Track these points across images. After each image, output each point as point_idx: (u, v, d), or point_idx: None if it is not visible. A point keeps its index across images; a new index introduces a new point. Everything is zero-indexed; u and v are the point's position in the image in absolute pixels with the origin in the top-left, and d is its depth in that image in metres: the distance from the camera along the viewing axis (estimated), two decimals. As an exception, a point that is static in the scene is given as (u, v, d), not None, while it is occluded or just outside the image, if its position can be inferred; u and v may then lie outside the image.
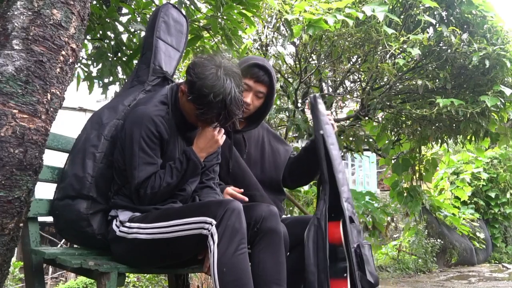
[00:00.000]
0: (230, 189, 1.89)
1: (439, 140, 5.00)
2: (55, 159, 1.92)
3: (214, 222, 1.47)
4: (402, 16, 4.09)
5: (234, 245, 1.46)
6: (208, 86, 1.55)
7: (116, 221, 1.66)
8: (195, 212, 1.54)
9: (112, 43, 2.65)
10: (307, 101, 5.04)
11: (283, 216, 2.10)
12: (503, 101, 3.94)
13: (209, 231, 1.47)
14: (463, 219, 7.79)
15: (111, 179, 1.73)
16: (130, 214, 1.67)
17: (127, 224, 1.62)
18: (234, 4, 2.45)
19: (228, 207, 1.50)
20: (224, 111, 1.58)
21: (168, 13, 2.05)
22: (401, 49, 3.89)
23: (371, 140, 5.30)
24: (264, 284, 1.57)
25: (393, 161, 5.53)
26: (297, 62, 4.67)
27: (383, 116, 5.20)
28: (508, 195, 8.48)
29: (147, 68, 1.93)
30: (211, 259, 1.46)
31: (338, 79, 5.04)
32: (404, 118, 4.90)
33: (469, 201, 8.61)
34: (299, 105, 4.81)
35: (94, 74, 2.82)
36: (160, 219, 1.58)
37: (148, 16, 2.57)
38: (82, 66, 2.80)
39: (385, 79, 4.51)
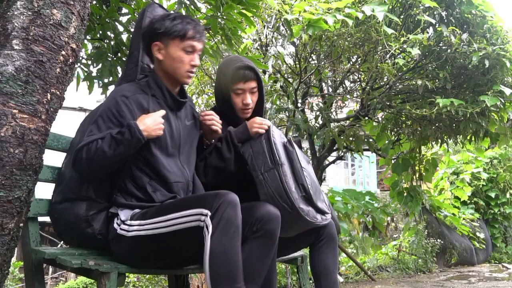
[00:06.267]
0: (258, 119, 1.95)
1: (439, 140, 5.00)
2: (55, 159, 1.92)
3: (209, 213, 1.48)
4: (401, 16, 4.09)
5: (228, 237, 1.46)
6: (165, 14, 1.80)
7: (117, 219, 1.66)
8: (192, 204, 1.54)
9: (112, 43, 2.65)
10: (306, 101, 5.06)
11: None
12: (503, 101, 3.95)
13: (204, 222, 1.48)
14: (463, 219, 7.78)
15: (108, 178, 1.73)
16: (130, 212, 1.67)
17: (128, 222, 1.62)
18: (234, 4, 2.45)
19: (224, 199, 1.50)
20: (191, 21, 1.74)
21: (154, 12, 2.07)
22: (401, 49, 3.89)
23: (371, 140, 5.31)
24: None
25: (393, 161, 5.53)
26: (297, 62, 4.68)
27: (383, 116, 5.20)
28: (508, 195, 8.47)
29: (135, 66, 1.94)
30: (205, 250, 1.46)
31: (338, 79, 5.05)
32: (404, 118, 4.91)
33: (469, 201, 8.59)
34: (299, 105, 4.81)
35: (94, 74, 2.82)
36: (159, 214, 1.58)
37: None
38: (82, 66, 2.80)
39: (385, 79, 4.52)
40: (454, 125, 4.59)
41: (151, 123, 1.63)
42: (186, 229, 1.52)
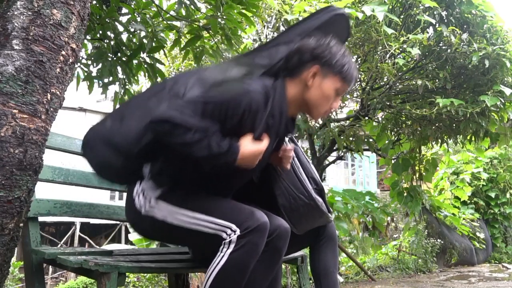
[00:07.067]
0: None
1: (439, 140, 5.00)
2: (55, 159, 1.92)
3: (238, 231, 1.43)
4: (401, 16, 4.09)
5: (247, 261, 1.43)
6: (336, 44, 1.58)
7: (139, 184, 1.57)
8: (223, 215, 1.48)
9: (112, 43, 2.66)
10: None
11: None
12: (503, 101, 3.95)
13: (229, 236, 1.43)
14: (463, 219, 7.78)
15: (156, 157, 1.58)
16: (156, 189, 1.55)
17: (148, 197, 1.54)
18: (234, 4, 2.45)
19: (258, 224, 1.44)
20: (355, 65, 1.62)
21: (338, 19, 1.73)
22: (401, 49, 3.89)
23: (371, 140, 5.30)
24: None
25: (393, 161, 5.53)
26: (297, 62, 4.66)
27: (383, 116, 5.20)
28: (508, 195, 8.47)
29: (268, 61, 1.65)
30: (216, 260, 1.43)
31: (338, 79, 5.03)
32: (404, 118, 4.91)
33: (469, 201, 8.60)
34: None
35: (94, 74, 2.82)
36: (187, 206, 1.51)
37: (148, 16, 2.57)
38: (82, 66, 2.80)
39: (385, 79, 4.52)
40: (454, 125, 4.59)
41: (250, 156, 1.47)
42: (205, 234, 1.48)
